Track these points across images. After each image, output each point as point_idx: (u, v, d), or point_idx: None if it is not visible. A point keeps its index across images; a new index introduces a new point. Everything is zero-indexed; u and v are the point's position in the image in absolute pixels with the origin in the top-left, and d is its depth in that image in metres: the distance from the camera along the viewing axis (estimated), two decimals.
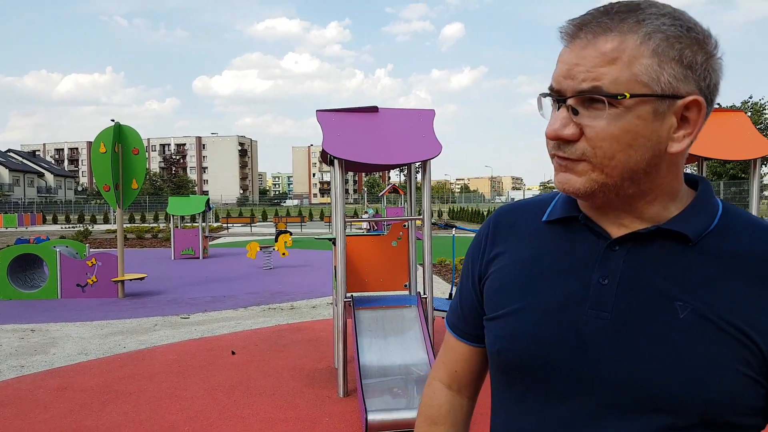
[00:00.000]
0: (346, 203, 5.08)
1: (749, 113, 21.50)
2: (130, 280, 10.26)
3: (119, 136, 9.89)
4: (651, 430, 0.79)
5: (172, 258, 16.94)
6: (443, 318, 5.82)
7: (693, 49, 0.78)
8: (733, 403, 0.76)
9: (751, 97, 26.66)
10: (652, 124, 0.78)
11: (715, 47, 0.80)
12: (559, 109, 0.82)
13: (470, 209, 41.37)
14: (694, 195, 0.88)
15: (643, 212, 0.85)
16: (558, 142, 0.82)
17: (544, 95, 0.85)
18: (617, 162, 0.79)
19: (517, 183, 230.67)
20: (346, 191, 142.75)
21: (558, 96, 0.82)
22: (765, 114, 23.65)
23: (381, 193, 29.16)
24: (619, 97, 0.76)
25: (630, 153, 0.79)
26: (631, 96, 0.76)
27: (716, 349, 0.77)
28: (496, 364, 0.96)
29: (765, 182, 21.99)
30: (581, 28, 0.80)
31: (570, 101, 0.80)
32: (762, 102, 23.79)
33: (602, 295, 0.84)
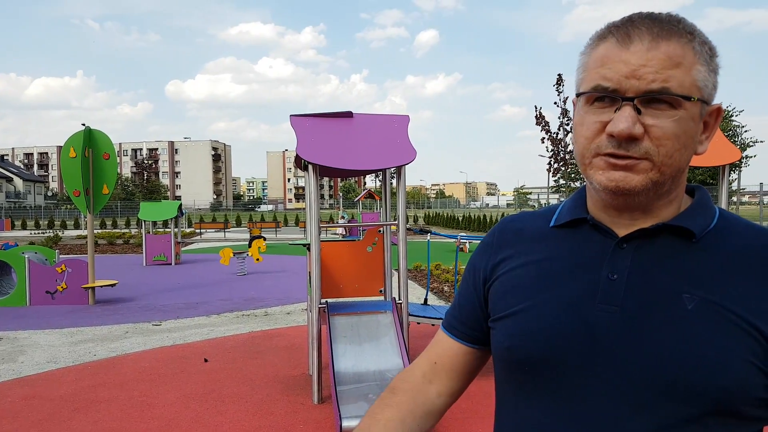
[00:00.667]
0: (321, 208, 5.06)
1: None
2: (101, 286, 10.08)
3: (89, 140, 9.74)
4: (664, 419, 0.81)
5: (144, 264, 16.71)
6: (418, 323, 5.82)
7: (717, 61, 0.86)
8: (743, 391, 0.79)
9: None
10: (697, 125, 0.85)
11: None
12: (619, 108, 0.82)
13: (446, 214, 41.50)
14: (693, 199, 0.93)
15: (661, 212, 0.89)
16: (619, 141, 0.82)
17: (588, 93, 0.85)
18: (673, 161, 0.83)
19: (492, 189, 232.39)
20: (322, 196, 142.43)
21: (617, 95, 0.82)
22: (733, 121, 24.18)
23: (356, 199, 29.11)
24: (691, 99, 0.81)
25: (683, 153, 0.84)
26: (697, 99, 0.82)
27: (725, 337, 0.80)
28: (507, 362, 0.97)
29: (733, 188, 22.46)
30: (639, 30, 0.82)
31: (636, 101, 0.82)
32: (730, 109, 24.33)
33: (611, 290, 0.87)
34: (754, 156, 24.93)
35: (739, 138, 24.51)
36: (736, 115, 24.57)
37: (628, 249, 0.89)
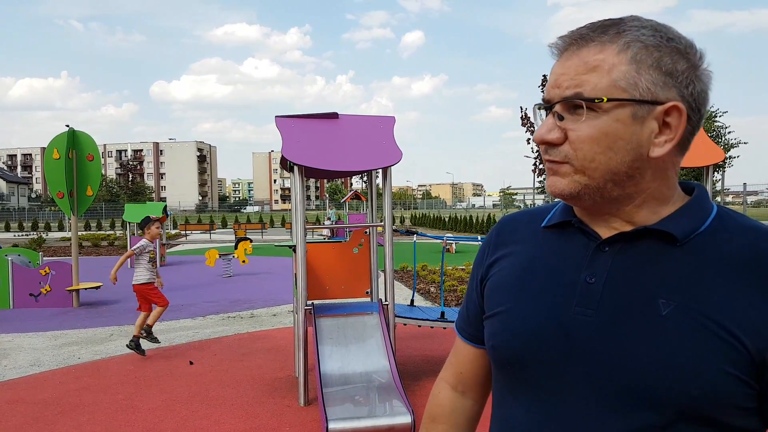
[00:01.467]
0: (307, 209, 5.06)
1: (702, 122, 22.20)
2: (85, 289, 10.00)
3: (73, 141, 9.66)
4: (634, 424, 0.81)
5: (129, 266, 16.52)
6: (405, 324, 5.81)
7: (673, 57, 0.81)
8: (715, 398, 0.77)
9: None
10: (632, 127, 0.82)
11: (700, 58, 0.83)
12: (546, 116, 0.88)
13: (432, 215, 41.53)
14: (688, 199, 0.90)
15: (632, 216, 0.88)
16: (546, 147, 0.87)
17: (539, 106, 0.91)
18: (597, 164, 0.84)
19: (478, 189, 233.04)
20: (308, 197, 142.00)
21: (546, 104, 0.87)
22: (717, 122, 24.42)
23: (343, 200, 29.07)
24: (596, 101, 0.81)
25: (610, 155, 0.83)
26: (609, 100, 0.81)
27: (698, 345, 0.78)
28: (493, 360, 1.01)
29: (717, 188, 22.70)
30: (568, 43, 0.87)
31: (556, 107, 0.85)
32: (714, 111, 24.59)
33: (588, 293, 0.87)
34: (738, 157, 25.21)
35: (723, 139, 24.78)
36: (720, 116, 24.82)
37: (609, 252, 0.88)
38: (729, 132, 24.79)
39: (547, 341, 0.89)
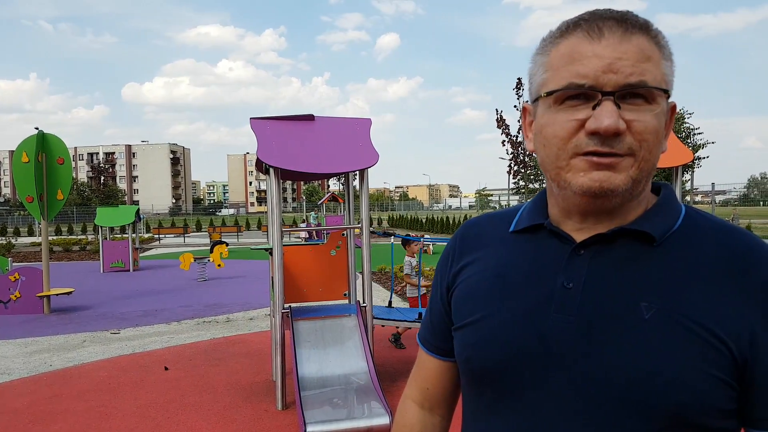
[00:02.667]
0: (284, 212, 5.02)
1: None
2: (57, 294, 9.81)
3: (43, 144, 9.47)
4: None
5: (101, 271, 16.33)
6: (383, 326, 5.79)
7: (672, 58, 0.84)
8: (702, 404, 0.75)
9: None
10: (664, 122, 0.82)
11: None
12: (598, 104, 0.77)
13: (409, 216, 41.66)
14: (657, 198, 0.89)
15: (629, 214, 0.85)
16: (601, 138, 0.77)
17: (561, 91, 0.80)
18: (652, 157, 0.80)
19: (454, 191, 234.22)
20: (285, 199, 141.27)
21: (595, 90, 0.78)
22: (686, 123, 24.88)
23: (320, 202, 28.99)
24: (666, 92, 0.79)
25: (659, 149, 0.81)
26: (667, 93, 0.80)
27: (684, 350, 0.75)
28: (466, 373, 0.95)
29: (687, 188, 23.12)
30: (608, 24, 0.79)
31: (616, 95, 0.77)
32: (683, 112, 25.05)
33: (567, 299, 0.83)
34: (706, 157, 25.70)
35: (692, 140, 25.24)
36: (688, 117, 25.29)
37: (585, 256, 0.85)
38: (698, 133, 25.27)
39: (526, 350, 0.84)
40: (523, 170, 24.51)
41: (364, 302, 4.92)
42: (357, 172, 4.98)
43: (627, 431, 0.77)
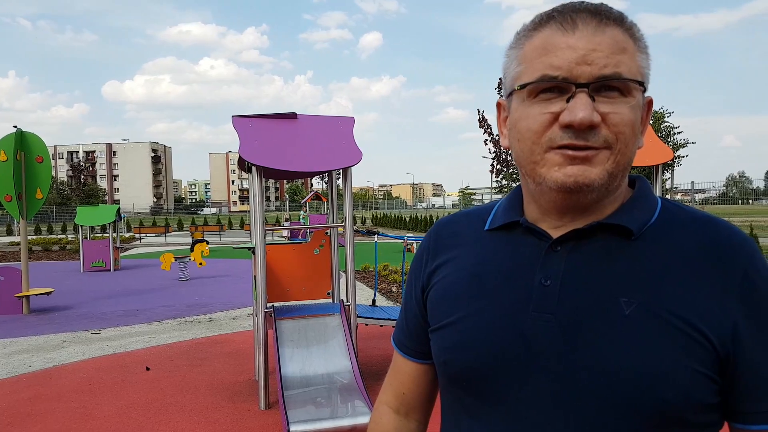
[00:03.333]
0: (267, 211, 4.99)
1: (651, 121, 22.88)
2: (36, 295, 9.68)
3: (22, 143, 9.34)
4: None
5: (82, 271, 16.15)
6: (366, 325, 5.79)
7: (648, 52, 0.82)
8: (686, 399, 0.74)
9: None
10: (640, 115, 0.81)
11: None
12: (572, 97, 0.76)
13: (393, 215, 41.64)
14: (633, 191, 0.88)
15: (606, 209, 0.83)
16: (575, 131, 0.76)
17: (535, 83, 0.78)
18: (628, 150, 0.78)
19: (438, 189, 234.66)
20: (268, 198, 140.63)
21: (568, 83, 0.76)
22: (666, 122, 25.12)
23: (303, 201, 28.87)
24: (641, 84, 0.78)
25: (635, 143, 0.80)
26: (643, 86, 0.79)
27: (666, 345, 0.74)
28: (445, 376, 0.93)
29: (667, 187, 23.37)
30: (582, 15, 0.78)
31: (590, 87, 0.76)
32: (662, 111, 25.30)
33: (545, 296, 0.82)
34: (686, 156, 26.02)
35: (672, 139, 25.50)
36: (668, 116, 25.55)
37: (562, 252, 0.83)
38: (678, 132, 25.53)
39: (507, 350, 0.82)
40: (505, 169, 24.63)
41: (347, 301, 4.91)
42: (340, 171, 4.97)
43: (611, 429, 0.76)
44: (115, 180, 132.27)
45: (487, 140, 24.22)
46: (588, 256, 0.82)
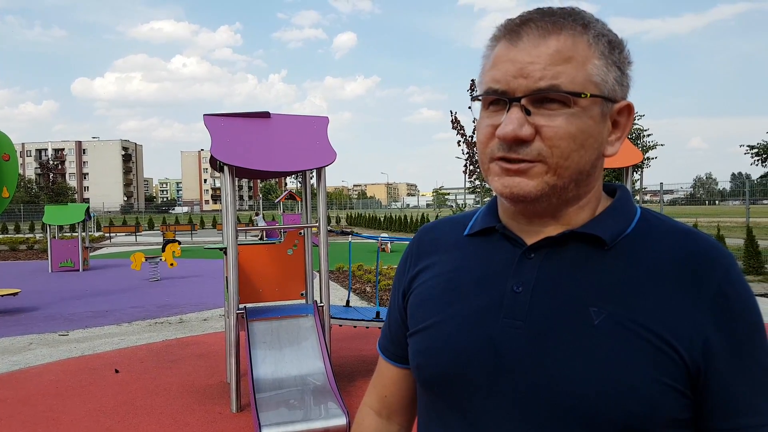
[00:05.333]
0: (240, 210, 4.94)
1: None
2: (2, 296, 9.46)
3: None
4: None
5: (50, 271, 15.83)
6: (341, 326, 5.76)
7: (623, 55, 0.81)
8: (654, 414, 0.73)
9: None
10: (599, 125, 0.79)
11: (629, 56, 0.83)
12: (508, 110, 0.77)
13: (368, 215, 41.62)
14: (611, 201, 0.87)
15: (572, 218, 0.83)
16: (508, 144, 0.77)
17: (479, 98, 0.82)
18: (571, 162, 0.77)
19: (412, 189, 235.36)
20: (241, 197, 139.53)
21: (506, 96, 0.77)
22: (636, 125, 25.54)
23: (277, 200, 28.68)
24: (582, 96, 0.76)
25: (581, 153, 0.78)
26: (590, 96, 0.77)
27: (634, 357, 0.73)
28: (418, 380, 0.93)
29: (636, 188, 23.76)
30: (527, 27, 0.78)
31: (524, 101, 0.76)
32: (635, 113, 25.76)
33: (516, 303, 0.81)
34: (656, 158, 26.50)
35: (642, 141, 25.93)
36: (639, 119, 25.98)
37: (535, 259, 0.83)
38: (648, 135, 25.98)
39: (476, 357, 0.82)
40: (478, 170, 24.82)
41: (321, 302, 4.88)
42: (314, 170, 4.93)
43: None
44: (85, 178, 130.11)
45: (460, 141, 24.33)
46: (560, 265, 0.82)
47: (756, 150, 18.57)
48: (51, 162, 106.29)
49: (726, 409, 0.75)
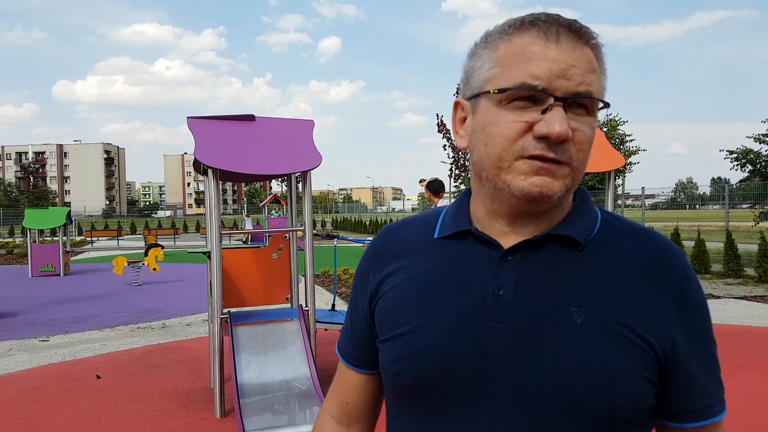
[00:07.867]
0: (224, 214, 4.90)
1: (605, 129, 23.36)
2: None
3: None
4: None
5: (30, 276, 15.63)
6: (326, 330, 5.74)
7: None
8: (634, 404, 0.78)
9: (608, 114, 28.95)
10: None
11: None
12: (549, 109, 0.76)
13: (353, 219, 41.64)
14: (574, 202, 0.89)
15: (552, 219, 0.85)
16: (550, 143, 0.76)
17: (513, 90, 0.77)
18: (584, 168, 0.81)
19: (398, 193, 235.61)
20: (225, 201, 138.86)
21: (547, 94, 0.76)
22: (619, 130, 25.71)
23: (262, 204, 28.56)
24: (604, 105, 0.80)
25: (588, 160, 0.82)
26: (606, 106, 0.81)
27: (614, 352, 0.77)
28: (395, 389, 0.90)
29: (619, 192, 23.95)
30: (562, 29, 0.78)
31: (568, 102, 0.77)
32: (617, 119, 25.90)
33: (498, 306, 0.82)
34: (638, 162, 26.68)
35: (625, 146, 26.12)
36: (621, 125, 26.16)
37: (513, 262, 0.84)
38: (630, 140, 26.19)
39: (462, 360, 0.82)
40: (464, 174, 24.87)
41: (306, 306, 4.85)
42: (300, 174, 4.91)
43: None
44: (66, 182, 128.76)
45: (446, 145, 24.41)
46: (538, 266, 0.83)
47: (735, 155, 18.75)
48: (32, 165, 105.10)
49: (687, 394, 0.82)
